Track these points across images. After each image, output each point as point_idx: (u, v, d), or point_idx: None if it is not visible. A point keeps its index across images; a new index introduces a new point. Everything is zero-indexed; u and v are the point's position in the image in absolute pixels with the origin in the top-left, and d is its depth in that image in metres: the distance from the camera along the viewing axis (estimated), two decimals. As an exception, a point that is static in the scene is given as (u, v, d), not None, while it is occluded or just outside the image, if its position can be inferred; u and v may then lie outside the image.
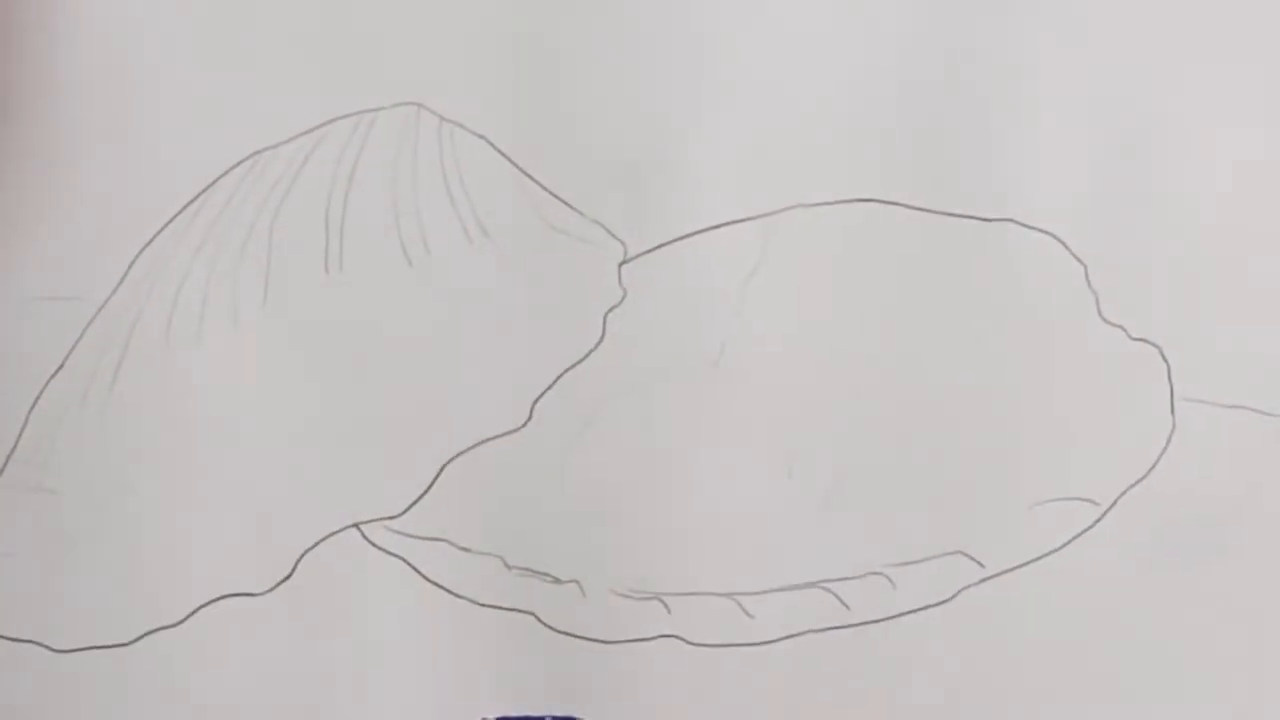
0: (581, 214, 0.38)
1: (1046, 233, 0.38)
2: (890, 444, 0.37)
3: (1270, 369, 0.39)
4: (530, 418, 0.38)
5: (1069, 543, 0.38)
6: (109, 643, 0.39)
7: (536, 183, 0.38)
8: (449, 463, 0.38)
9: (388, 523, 0.38)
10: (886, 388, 0.38)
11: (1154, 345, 0.38)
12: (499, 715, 0.38)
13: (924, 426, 0.38)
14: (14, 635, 0.39)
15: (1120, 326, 0.38)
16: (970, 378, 0.38)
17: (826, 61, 0.38)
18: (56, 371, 0.39)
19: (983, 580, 0.38)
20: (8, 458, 0.39)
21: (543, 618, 0.38)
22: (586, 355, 0.37)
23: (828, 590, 0.38)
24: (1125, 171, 0.39)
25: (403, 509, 0.38)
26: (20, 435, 0.39)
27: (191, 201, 0.38)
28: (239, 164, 0.38)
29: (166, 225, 0.38)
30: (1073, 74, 0.39)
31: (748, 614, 0.38)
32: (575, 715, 0.38)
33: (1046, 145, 0.39)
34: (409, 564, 0.38)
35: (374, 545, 0.39)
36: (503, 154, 0.38)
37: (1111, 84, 0.39)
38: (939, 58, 0.38)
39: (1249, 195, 0.40)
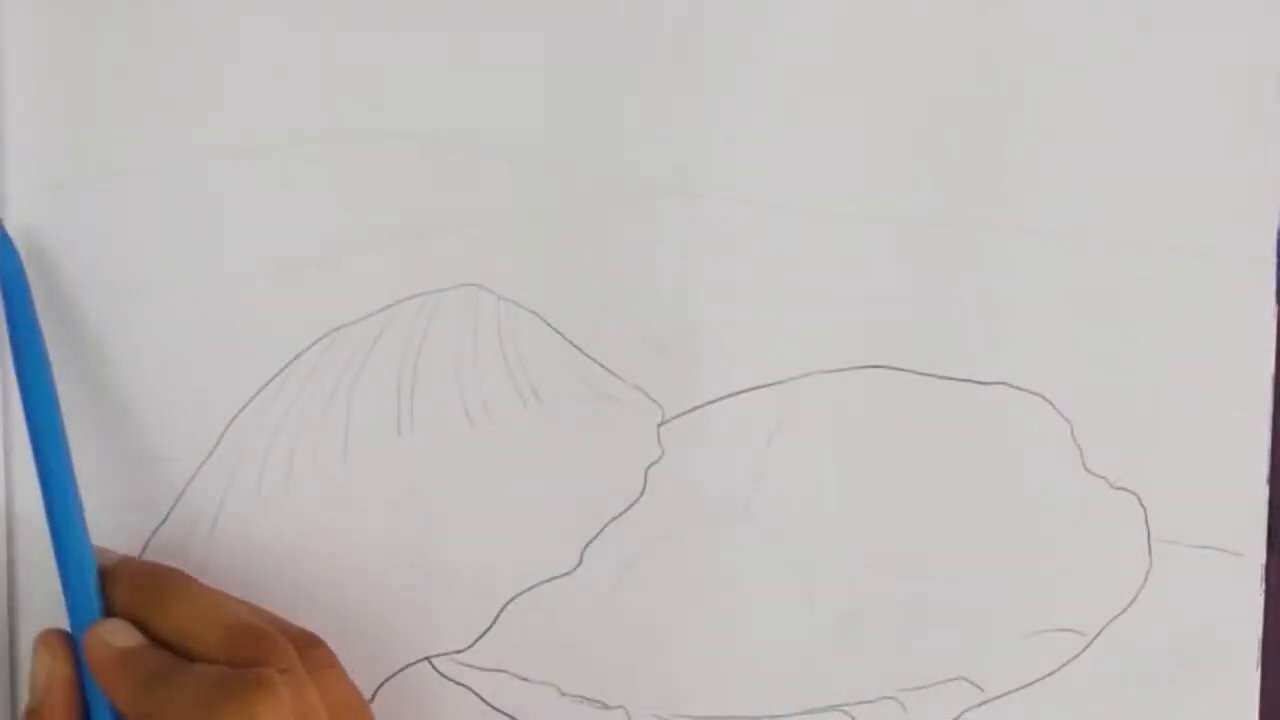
0: (623, 380, 0.40)
1: (1036, 394, 0.42)
2: (899, 583, 0.41)
3: (1236, 513, 0.45)
4: (581, 562, 0.40)
5: (1059, 669, 0.41)
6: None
7: (583, 353, 0.41)
8: (510, 602, 0.41)
9: (455, 656, 0.41)
10: (896, 533, 0.41)
11: (1132, 493, 0.42)
12: None
13: (929, 567, 0.41)
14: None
15: (1102, 477, 0.42)
16: (970, 523, 0.41)
17: (837, 245, 0.41)
18: (161, 523, 0.43)
19: (982, 703, 0.41)
20: None
21: None
22: (630, 506, 0.40)
23: (845, 713, 0.41)
24: (1106, 340, 0.43)
25: (469, 644, 0.41)
26: None
27: (280, 372, 0.40)
28: (320, 339, 0.40)
29: (258, 394, 0.41)
30: (1058, 250, 0.43)
31: (776, 736, 0.41)
32: None
33: (1035, 317, 0.43)
34: (474, 692, 0.41)
35: (443, 676, 0.42)
36: (553, 328, 0.40)
37: (1094, 256, 0.44)
38: (938, 242, 0.42)
39: (1216, 362, 0.45)
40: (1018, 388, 0.42)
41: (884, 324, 0.41)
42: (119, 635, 0.34)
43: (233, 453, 0.42)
